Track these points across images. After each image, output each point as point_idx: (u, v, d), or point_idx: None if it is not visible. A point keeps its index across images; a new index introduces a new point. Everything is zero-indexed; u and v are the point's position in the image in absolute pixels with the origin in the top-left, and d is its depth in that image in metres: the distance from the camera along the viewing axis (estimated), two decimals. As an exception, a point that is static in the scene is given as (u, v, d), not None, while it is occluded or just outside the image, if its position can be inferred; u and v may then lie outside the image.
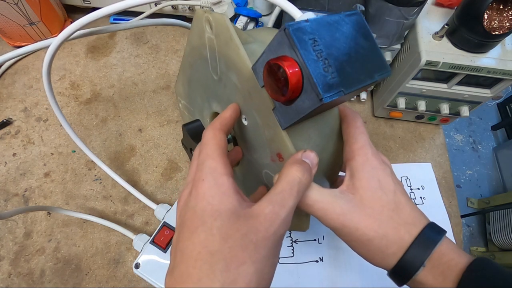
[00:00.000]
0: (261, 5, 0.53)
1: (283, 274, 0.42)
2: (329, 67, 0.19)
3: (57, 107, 0.38)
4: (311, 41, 0.19)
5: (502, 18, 0.36)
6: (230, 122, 0.25)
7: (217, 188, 0.20)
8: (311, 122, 0.26)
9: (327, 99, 0.18)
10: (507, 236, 1.12)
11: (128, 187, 0.43)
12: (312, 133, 0.26)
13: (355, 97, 0.54)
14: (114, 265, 0.41)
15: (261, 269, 0.19)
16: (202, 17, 0.27)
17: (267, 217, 0.19)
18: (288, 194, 0.20)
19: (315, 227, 0.45)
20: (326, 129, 0.27)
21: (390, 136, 0.53)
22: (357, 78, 0.20)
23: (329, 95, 0.19)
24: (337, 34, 0.20)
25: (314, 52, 0.19)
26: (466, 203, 1.37)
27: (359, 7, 0.39)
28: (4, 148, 0.48)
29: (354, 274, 0.43)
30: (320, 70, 0.19)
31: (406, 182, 0.50)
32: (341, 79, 0.19)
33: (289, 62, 0.19)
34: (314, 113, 0.22)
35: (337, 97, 0.19)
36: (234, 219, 0.19)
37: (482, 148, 1.53)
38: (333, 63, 0.19)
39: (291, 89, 0.19)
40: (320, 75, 0.19)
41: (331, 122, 0.27)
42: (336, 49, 0.20)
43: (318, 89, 0.18)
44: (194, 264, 0.18)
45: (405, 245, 0.22)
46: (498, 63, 0.39)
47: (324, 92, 0.18)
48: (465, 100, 0.46)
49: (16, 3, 0.48)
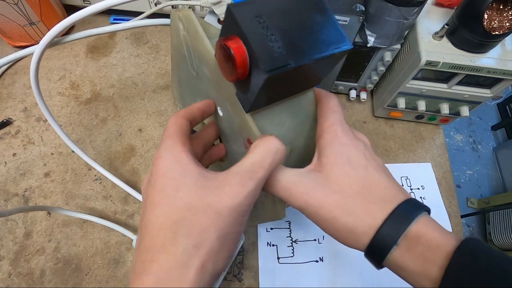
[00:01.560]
0: (261, 5, 0.53)
1: (283, 274, 0.42)
2: (276, 41, 0.19)
3: (50, 115, 0.38)
4: (256, 17, 0.19)
5: (502, 18, 0.36)
6: (197, 113, 0.25)
7: (177, 163, 0.20)
8: (283, 106, 0.25)
9: (272, 72, 0.18)
10: (507, 236, 1.12)
11: (126, 187, 0.43)
12: (285, 118, 0.26)
13: (355, 97, 0.54)
14: (114, 265, 0.41)
15: (224, 236, 0.19)
16: (175, 16, 0.28)
17: (233, 188, 0.19)
18: (259, 166, 0.20)
19: (315, 227, 0.45)
20: (300, 113, 0.26)
21: (390, 136, 0.53)
22: (308, 51, 0.20)
23: (274, 68, 0.18)
24: (287, 8, 0.20)
25: (259, 27, 0.19)
26: (466, 203, 1.37)
27: (359, 7, 0.39)
28: (4, 148, 0.48)
29: (354, 274, 0.43)
30: (265, 44, 0.19)
31: (406, 182, 0.50)
32: (288, 52, 0.19)
33: (233, 40, 0.19)
34: (275, 93, 0.22)
35: (284, 70, 0.18)
36: (197, 190, 0.19)
37: (482, 148, 1.53)
38: (281, 37, 0.19)
39: (238, 66, 0.19)
40: (264, 49, 0.18)
41: (306, 106, 0.27)
42: (285, 23, 0.20)
43: (261, 63, 0.18)
44: (157, 233, 0.18)
45: (377, 224, 0.20)
46: (498, 63, 0.39)
47: (268, 65, 0.18)
48: (465, 100, 0.46)
49: (16, 3, 0.48)
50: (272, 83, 0.20)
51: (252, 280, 0.41)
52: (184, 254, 0.18)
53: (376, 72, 0.48)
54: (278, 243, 0.44)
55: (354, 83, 0.53)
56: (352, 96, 0.54)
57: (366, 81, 0.52)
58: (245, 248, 0.43)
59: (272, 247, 0.43)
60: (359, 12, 0.39)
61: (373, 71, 0.49)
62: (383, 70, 0.47)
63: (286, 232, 0.45)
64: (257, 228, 0.44)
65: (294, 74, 0.20)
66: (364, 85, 0.53)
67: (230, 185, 0.19)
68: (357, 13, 0.39)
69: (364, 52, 0.45)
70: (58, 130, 0.40)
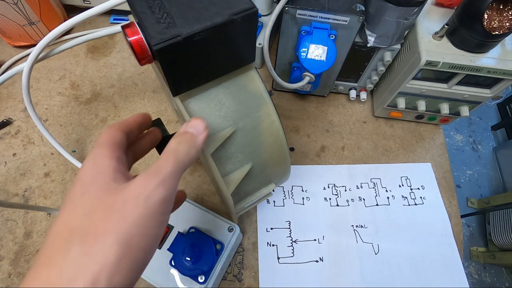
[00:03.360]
0: (261, 5, 0.53)
1: (283, 274, 0.42)
2: (167, 18, 0.19)
3: (42, 125, 0.38)
4: (153, 0, 0.20)
5: (502, 18, 0.36)
6: (133, 125, 0.24)
7: (93, 168, 0.19)
8: (221, 87, 0.25)
9: (158, 46, 0.19)
10: (507, 236, 1.12)
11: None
12: (224, 99, 0.25)
13: (355, 97, 0.54)
14: (114, 265, 0.41)
15: (128, 242, 0.17)
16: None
17: (137, 185, 0.18)
18: (164, 162, 0.19)
19: (315, 227, 0.45)
20: (241, 92, 0.26)
21: (390, 136, 0.53)
22: (202, 20, 0.20)
23: (162, 42, 0.19)
24: None
25: (153, 7, 0.20)
26: (466, 203, 1.37)
27: (359, 7, 0.39)
28: (4, 148, 0.48)
29: (354, 274, 0.43)
30: (155, 22, 0.19)
31: (406, 182, 0.50)
32: (180, 26, 0.19)
33: (130, 27, 0.20)
34: (196, 72, 0.22)
35: (172, 41, 0.19)
36: (102, 194, 0.18)
37: (482, 148, 1.53)
38: (175, 12, 0.20)
39: (136, 51, 0.20)
40: (155, 27, 0.19)
41: (247, 85, 0.26)
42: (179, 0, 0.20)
43: (150, 40, 0.19)
44: (50, 244, 0.17)
45: None
46: (498, 63, 0.39)
47: (156, 40, 0.19)
48: (465, 100, 0.46)
49: (15, 3, 0.48)
50: (179, 60, 0.20)
51: (252, 280, 0.41)
52: (71, 267, 0.16)
53: (376, 72, 0.48)
54: (278, 243, 0.44)
55: (354, 83, 0.53)
56: (352, 96, 0.54)
57: (366, 81, 0.52)
58: (245, 248, 0.43)
59: (272, 247, 0.43)
60: (359, 12, 0.39)
61: (373, 71, 0.49)
62: (383, 70, 0.47)
63: (286, 232, 0.45)
64: (257, 228, 0.44)
65: (202, 48, 0.21)
66: (364, 85, 0.53)
67: (135, 183, 0.18)
68: (357, 13, 0.39)
69: (364, 52, 0.45)
70: (47, 134, 0.39)
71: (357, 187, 0.49)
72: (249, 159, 0.27)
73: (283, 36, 0.44)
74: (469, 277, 1.25)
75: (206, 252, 0.35)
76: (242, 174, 0.27)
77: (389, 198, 0.48)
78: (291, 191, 0.48)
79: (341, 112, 0.55)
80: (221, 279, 0.41)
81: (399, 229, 0.46)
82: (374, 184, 0.49)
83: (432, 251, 0.45)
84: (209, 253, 0.35)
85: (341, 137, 0.53)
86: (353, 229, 0.46)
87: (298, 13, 0.39)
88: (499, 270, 1.26)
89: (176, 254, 0.35)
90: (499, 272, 1.26)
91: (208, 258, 0.35)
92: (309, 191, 0.48)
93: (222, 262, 0.36)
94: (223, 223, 0.39)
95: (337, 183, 0.49)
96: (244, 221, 0.45)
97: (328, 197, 0.48)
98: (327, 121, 0.54)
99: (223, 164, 0.27)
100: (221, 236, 0.38)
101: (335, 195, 0.48)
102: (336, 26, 0.40)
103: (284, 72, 0.50)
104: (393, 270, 0.43)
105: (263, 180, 0.30)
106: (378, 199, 0.48)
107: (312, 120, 0.54)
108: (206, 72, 0.24)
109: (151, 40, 0.19)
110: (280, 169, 0.30)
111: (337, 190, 0.48)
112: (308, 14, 0.39)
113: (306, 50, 0.40)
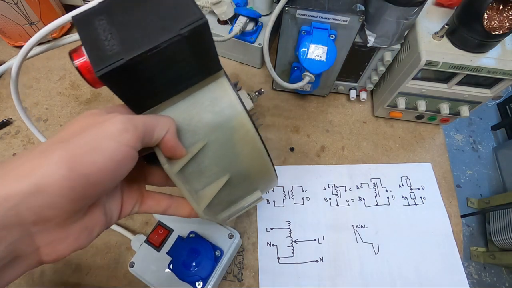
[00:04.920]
0: (261, 5, 0.53)
1: (283, 274, 0.42)
2: (112, 40, 0.18)
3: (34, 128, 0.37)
4: (98, 19, 0.19)
5: (502, 18, 0.36)
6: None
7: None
8: (189, 99, 0.24)
9: (100, 72, 0.18)
10: (507, 236, 1.12)
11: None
12: (193, 111, 0.24)
13: (355, 97, 0.54)
14: (114, 265, 0.41)
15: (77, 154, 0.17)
16: None
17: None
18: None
19: (315, 227, 0.45)
20: (211, 103, 0.24)
21: (390, 136, 0.53)
22: (147, 39, 0.18)
23: (102, 68, 0.18)
24: (134, 3, 0.20)
25: (99, 29, 0.19)
26: (466, 203, 1.37)
27: (359, 7, 0.39)
28: (4, 148, 0.48)
29: (354, 274, 0.43)
30: (100, 46, 0.18)
31: (406, 182, 0.50)
32: (123, 47, 0.18)
33: (77, 51, 0.20)
34: (153, 89, 0.21)
35: (114, 66, 0.18)
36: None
37: (482, 148, 1.53)
38: (118, 35, 0.19)
39: (85, 75, 0.20)
40: (98, 51, 0.18)
41: (218, 94, 0.24)
42: (127, 18, 0.19)
43: (93, 66, 0.18)
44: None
45: None
46: (498, 63, 0.39)
47: (97, 67, 0.18)
48: (465, 100, 0.46)
49: (15, 3, 0.48)
50: (128, 83, 0.19)
51: (252, 280, 0.41)
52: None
53: (376, 72, 0.48)
54: (278, 243, 0.44)
55: (354, 83, 0.53)
56: (352, 96, 0.54)
57: (366, 81, 0.52)
58: (245, 248, 0.43)
59: (272, 247, 0.43)
60: (359, 12, 0.39)
61: (373, 71, 0.49)
62: (383, 70, 0.47)
63: (286, 232, 0.45)
64: (257, 228, 0.44)
65: (151, 67, 0.19)
66: (364, 85, 0.53)
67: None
68: (357, 13, 0.39)
69: (364, 52, 0.45)
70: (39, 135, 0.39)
71: (357, 187, 0.49)
72: (225, 170, 0.26)
73: (283, 36, 0.44)
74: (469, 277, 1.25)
75: (205, 258, 0.35)
76: (218, 187, 0.26)
77: (389, 198, 0.48)
78: (291, 191, 0.48)
79: (341, 112, 0.55)
80: (221, 279, 0.41)
81: (399, 229, 0.46)
82: (374, 184, 0.49)
83: (432, 251, 0.45)
84: (208, 259, 0.35)
85: (341, 137, 0.53)
86: (353, 229, 0.46)
87: (298, 13, 0.39)
88: (499, 270, 1.26)
89: (175, 259, 0.35)
90: (499, 272, 1.26)
91: (207, 265, 0.35)
92: (309, 191, 0.48)
93: (220, 269, 0.36)
94: (223, 229, 0.39)
95: (337, 183, 0.49)
96: (244, 221, 0.45)
97: (328, 197, 0.48)
98: (327, 121, 0.54)
99: (197, 179, 0.25)
100: (220, 242, 0.38)
101: (335, 195, 0.48)
102: (336, 26, 0.40)
103: (284, 72, 0.50)
104: (393, 270, 0.43)
105: (247, 188, 0.29)
106: (378, 199, 0.48)
107: (312, 120, 0.54)
108: (166, 88, 0.22)
109: (93, 66, 0.18)
110: (263, 177, 0.29)
111: (337, 190, 0.48)
112: (308, 14, 0.39)
113: (306, 50, 0.40)
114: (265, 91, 0.40)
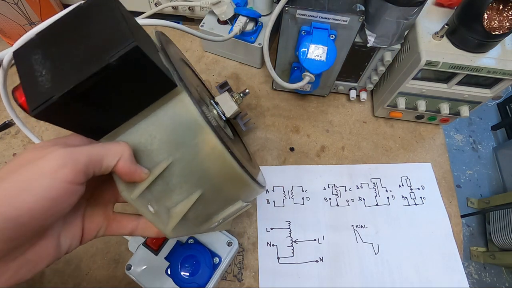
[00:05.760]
0: (261, 5, 0.53)
1: (283, 274, 0.42)
2: (46, 75, 0.18)
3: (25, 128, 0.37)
4: (34, 55, 0.18)
5: (502, 18, 0.36)
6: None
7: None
8: (149, 118, 0.23)
9: (35, 111, 0.17)
10: (507, 236, 1.12)
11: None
12: (154, 131, 0.23)
13: (355, 97, 0.54)
14: (114, 265, 0.41)
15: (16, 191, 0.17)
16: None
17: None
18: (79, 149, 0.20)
19: (315, 227, 0.45)
20: (172, 121, 0.24)
21: (390, 136, 0.53)
22: (78, 72, 0.17)
23: (36, 107, 0.17)
24: (68, 29, 0.19)
25: (35, 65, 0.18)
26: (466, 203, 1.37)
27: (359, 7, 0.39)
28: (4, 148, 0.48)
29: (354, 274, 0.43)
30: (34, 83, 0.18)
31: (406, 182, 0.50)
32: (54, 83, 0.17)
33: (17, 86, 0.19)
34: (109, 115, 0.21)
35: (47, 104, 0.17)
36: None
37: (482, 148, 1.53)
38: (51, 69, 0.18)
39: (26, 109, 0.19)
40: (32, 89, 0.18)
41: (179, 111, 0.23)
42: (61, 49, 0.18)
43: (28, 104, 0.17)
44: None
45: None
46: (498, 63, 0.39)
47: (30, 106, 0.17)
48: (465, 100, 0.46)
49: (16, 3, 0.48)
50: (68, 116, 0.19)
51: (252, 280, 0.41)
52: None
53: (376, 72, 0.48)
54: (278, 243, 0.44)
55: (354, 83, 0.53)
56: (352, 96, 0.54)
57: (366, 81, 0.52)
58: (245, 248, 0.43)
59: (272, 247, 0.43)
60: (359, 12, 0.39)
61: (373, 71, 0.49)
62: (383, 70, 0.47)
63: (286, 232, 0.45)
64: (257, 228, 0.44)
65: (88, 98, 0.19)
66: (364, 85, 0.53)
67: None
68: (357, 13, 0.39)
69: (364, 52, 0.45)
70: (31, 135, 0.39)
71: (357, 187, 0.49)
72: (197, 186, 0.25)
73: (283, 36, 0.44)
74: (469, 277, 1.25)
75: (203, 265, 0.35)
76: (189, 204, 0.25)
77: (389, 198, 0.48)
78: (291, 191, 0.48)
79: (341, 112, 0.55)
80: (220, 279, 0.41)
81: (399, 229, 0.46)
82: (374, 184, 0.49)
83: (432, 251, 0.45)
84: (206, 266, 0.35)
85: (341, 137, 0.53)
86: (353, 229, 0.46)
87: (298, 13, 0.39)
88: (499, 270, 1.26)
89: (173, 264, 0.35)
90: (499, 272, 1.26)
91: (204, 272, 0.34)
92: (309, 191, 0.48)
93: (217, 276, 0.36)
94: (222, 237, 0.38)
95: (337, 183, 0.49)
96: (244, 221, 0.45)
97: (328, 197, 0.48)
98: (327, 121, 0.54)
99: (167, 197, 0.25)
100: (219, 249, 0.37)
101: (335, 195, 0.48)
102: (336, 26, 0.40)
103: (284, 72, 0.50)
104: (393, 270, 0.43)
105: (225, 200, 0.29)
106: (378, 199, 0.48)
107: (312, 120, 0.54)
108: (119, 112, 0.21)
109: (28, 105, 0.17)
110: (241, 188, 0.28)
111: (337, 190, 0.48)
112: (308, 14, 0.39)
113: (306, 50, 0.40)
114: (249, 91, 0.40)
